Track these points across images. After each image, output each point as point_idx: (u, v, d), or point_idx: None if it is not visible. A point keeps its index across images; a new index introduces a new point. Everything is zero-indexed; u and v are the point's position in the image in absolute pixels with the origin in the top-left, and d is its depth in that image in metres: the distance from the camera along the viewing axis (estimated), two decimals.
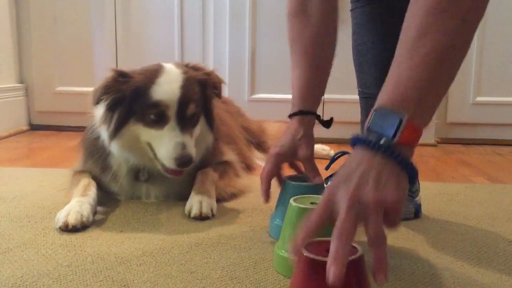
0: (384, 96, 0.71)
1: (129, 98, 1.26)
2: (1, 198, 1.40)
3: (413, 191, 1.28)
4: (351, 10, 1.34)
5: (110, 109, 1.29)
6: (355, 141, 0.71)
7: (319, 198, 0.87)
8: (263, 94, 2.65)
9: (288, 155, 1.13)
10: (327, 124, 1.19)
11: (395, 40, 1.27)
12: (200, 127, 1.36)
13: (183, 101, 1.26)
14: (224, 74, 2.60)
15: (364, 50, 1.31)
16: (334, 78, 2.96)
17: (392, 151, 0.67)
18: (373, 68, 1.30)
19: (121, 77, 1.27)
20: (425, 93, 0.69)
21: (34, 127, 2.80)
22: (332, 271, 0.61)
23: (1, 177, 1.65)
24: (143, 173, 1.38)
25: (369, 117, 0.71)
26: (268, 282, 0.90)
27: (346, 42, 1.38)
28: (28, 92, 2.79)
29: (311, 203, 0.95)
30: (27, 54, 2.76)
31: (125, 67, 1.39)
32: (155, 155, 1.28)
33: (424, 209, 1.31)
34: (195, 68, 1.38)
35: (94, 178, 1.37)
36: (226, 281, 0.90)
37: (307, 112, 1.13)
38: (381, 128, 0.68)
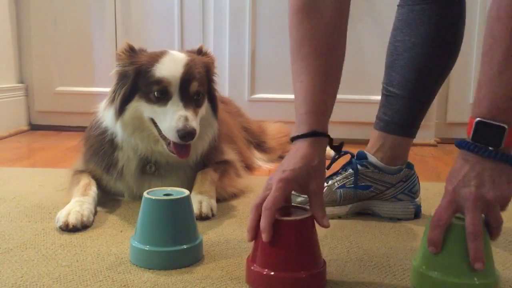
0: (482, 109, 0.82)
1: (132, 76, 1.29)
2: (1, 198, 1.40)
3: (413, 192, 1.29)
4: (398, 5, 1.30)
5: (117, 84, 1.33)
6: (463, 146, 0.84)
7: None
8: (263, 94, 2.65)
9: (299, 184, 0.90)
10: (338, 149, 1.05)
11: (435, 45, 1.25)
12: (205, 113, 1.38)
13: (186, 78, 1.28)
14: (224, 74, 2.60)
15: (401, 48, 1.28)
16: None
17: (500, 155, 0.81)
18: (405, 68, 1.27)
19: (130, 51, 1.32)
20: None
21: (34, 127, 2.80)
22: (476, 267, 0.79)
23: (1, 177, 1.65)
24: (151, 166, 1.37)
25: (472, 128, 0.83)
26: None
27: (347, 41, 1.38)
28: (28, 92, 2.79)
29: None
30: (27, 54, 2.76)
31: None
32: (159, 132, 1.29)
33: (424, 209, 1.31)
34: (200, 52, 1.41)
35: (95, 178, 1.37)
36: (226, 281, 0.90)
37: (321, 133, 0.93)
38: (487, 138, 0.82)
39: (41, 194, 1.44)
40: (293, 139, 0.95)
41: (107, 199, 1.39)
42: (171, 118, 1.24)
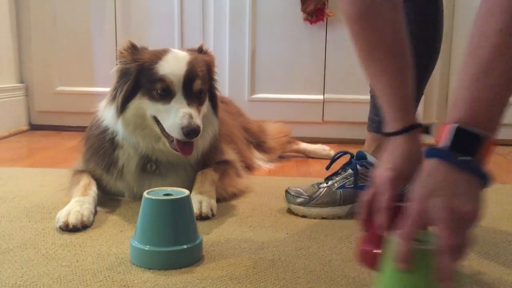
0: (461, 113, 0.74)
1: (134, 73, 1.30)
2: (1, 198, 1.40)
3: None
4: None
5: (118, 82, 1.33)
6: (435, 155, 0.75)
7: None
8: (263, 94, 2.65)
9: (404, 179, 0.93)
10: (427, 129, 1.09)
11: (417, 43, 1.25)
12: (206, 111, 1.38)
13: (189, 76, 1.29)
14: (224, 74, 2.60)
15: None
16: (334, 78, 2.98)
17: (477, 168, 0.73)
18: None
19: (132, 48, 1.33)
20: (499, 111, 0.75)
21: (34, 127, 2.80)
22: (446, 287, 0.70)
23: (1, 177, 1.65)
24: (152, 164, 1.37)
25: (448, 133, 0.74)
26: (268, 282, 0.90)
27: (346, 42, 1.38)
28: (28, 92, 2.79)
29: None
30: (27, 54, 2.76)
31: None
32: (162, 130, 1.29)
33: None
34: (201, 51, 1.43)
35: (95, 177, 1.37)
36: (226, 281, 0.90)
37: (416, 125, 0.98)
38: (463, 146, 0.73)
39: (41, 194, 1.44)
40: (389, 134, 0.99)
41: (107, 199, 1.39)
42: (175, 115, 1.24)
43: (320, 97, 2.60)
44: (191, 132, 1.23)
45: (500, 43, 0.72)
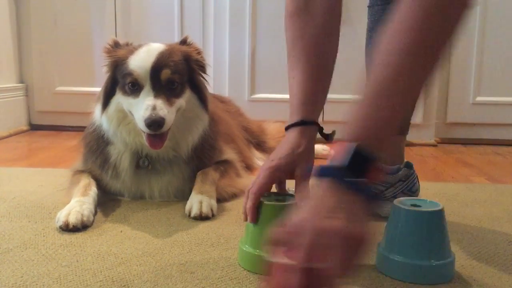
0: (359, 132, 0.72)
1: (111, 69, 1.33)
2: (1, 198, 1.40)
3: (413, 191, 1.29)
4: (368, 7, 1.31)
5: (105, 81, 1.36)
6: (329, 174, 0.70)
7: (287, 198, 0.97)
8: (263, 94, 2.65)
9: (285, 171, 0.98)
10: (329, 137, 1.08)
11: None
12: (190, 104, 1.37)
13: (157, 67, 1.28)
14: (224, 74, 2.60)
15: None
16: (334, 78, 2.96)
17: (365, 188, 0.69)
18: None
19: (114, 45, 1.35)
20: (392, 131, 0.75)
21: (34, 127, 2.80)
22: None
23: (1, 177, 1.65)
24: (144, 160, 1.37)
25: (346, 152, 0.69)
26: None
27: (346, 42, 1.37)
28: (28, 92, 2.80)
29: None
30: (27, 54, 2.76)
31: None
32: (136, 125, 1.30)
33: None
34: (184, 43, 1.42)
35: (94, 177, 1.37)
36: (226, 281, 0.90)
37: (309, 122, 1.02)
38: (357, 167, 0.69)
39: (41, 194, 1.44)
40: (286, 128, 1.03)
41: (107, 199, 1.38)
42: (141, 108, 1.25)
43: None
44: (152, 123, 1.22)
45: (401, 63, 0.71)
